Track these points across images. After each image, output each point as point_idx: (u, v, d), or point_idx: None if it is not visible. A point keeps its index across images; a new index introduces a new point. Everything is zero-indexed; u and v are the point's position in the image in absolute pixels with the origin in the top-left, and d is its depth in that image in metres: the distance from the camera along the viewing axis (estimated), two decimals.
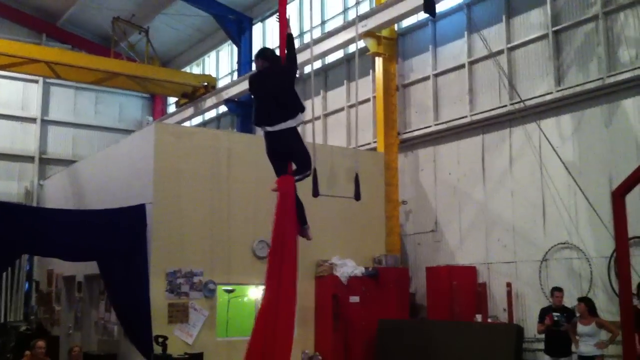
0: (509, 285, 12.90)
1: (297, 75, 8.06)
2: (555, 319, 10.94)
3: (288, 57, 7.72)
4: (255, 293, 13.91)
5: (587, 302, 10.98)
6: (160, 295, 12.40)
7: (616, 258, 10.89)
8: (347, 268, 13.89)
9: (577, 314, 10.99)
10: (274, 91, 7.46)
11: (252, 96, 7.84)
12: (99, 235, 12.40)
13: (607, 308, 11.50)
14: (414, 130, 15.70)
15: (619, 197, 10.31)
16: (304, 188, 8.21)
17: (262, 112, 7.53)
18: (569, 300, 11.51)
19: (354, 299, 13.78)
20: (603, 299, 11.64)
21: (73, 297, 16.67)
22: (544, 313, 11.29)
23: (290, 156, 7.61)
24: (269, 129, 7.45)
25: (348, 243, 14.56)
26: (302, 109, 7.53)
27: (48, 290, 18.35)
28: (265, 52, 7.87)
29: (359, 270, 13.97)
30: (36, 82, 23.82)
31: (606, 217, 11.31)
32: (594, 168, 12.11)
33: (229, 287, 13.18)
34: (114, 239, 12.44)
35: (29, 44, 21.15)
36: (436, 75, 15.41)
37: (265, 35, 22.10)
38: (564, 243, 12.37)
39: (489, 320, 13.00)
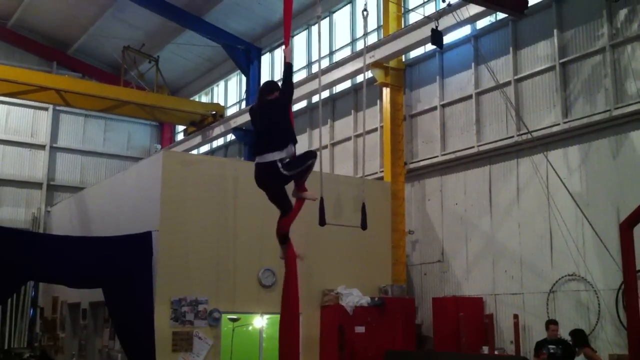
0: (516, 317, 12.79)
1: (305, 105, 8.13)
2: (552, 351, 10.90)
3: (284, 87, 7.66)
4: (260, 322, 13.84)
5: (572, 334, 11.06)
6: (164, 323, 12.33)
7: (624, 290, 10.80)
8: (353, 298, 13.81)
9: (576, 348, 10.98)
10: (271, 122, 7.47)
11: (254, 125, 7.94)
12: (104, 262, 12.40)
13: (615, 341, 11.38)
14: (421, 160, 15.72)
15: (626, 229, 10.30)
16: (311, 217, 8.20)
17: (255, 142, 7.64)
18: None
19: (360, 329, 13.66)
20: (611, 332, 11.52)
21: (77, 324, 16.61)
22: (539, 346, 11.24)
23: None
24: (257, 160, 7.48)
25: (354, 272, 14.49)
26: (293, 141, 7.49)
27: (52, 317, 18.30)
28: (274, 84, 7.88)
29: (365, 300, 13.88)
30: (46, 109, 24.05)
31: (614, 249, 11.25)
32: (601, 199, 12.06)
33: (234, 316, 13.11)
34: (120, 266, 12.42)
35: (39, 71, 21.42)
36: (443, 106, 15.47)
37: (273, 65, 22.27)
38: (572, 275, 12.28)
39: (496, 352, 12.87)
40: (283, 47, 8.12)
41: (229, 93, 24.59)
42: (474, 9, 13.10)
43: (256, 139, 7.69)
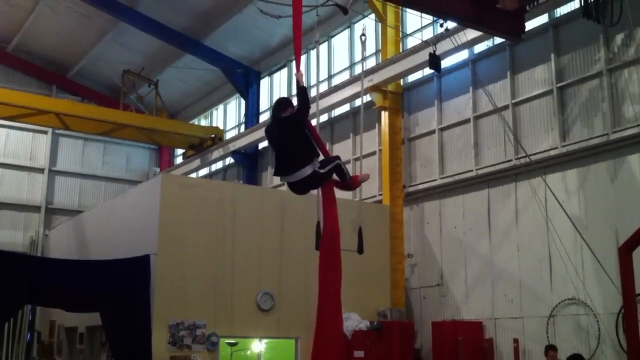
0: (515, 341, 12.72)
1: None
2: None
3: (299, 105, 7.82)
4: (258, 347, 13.76)
5: None
6: (162, 347, 12.26)
7: (624, 314, 10.75)
8: (352, 322, 13.74)
9: None
10: (287, 140, 7.61)
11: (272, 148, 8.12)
12: (102, 285, 12.36)
13: None
14: (420, 184, 15.73)
15: (625, 253, 10.29)
16: (308, 241, 8.19)
17: (279, 162, 7.75)
18: None
19: (359, 353, 13.57)
20: (611, 356, 11.44)
21: (75, 348, 16.51)
22: None
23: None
24: (288, 179, 7.61)
25: (353, 296, 14.35)
26: (316, 154, 7.67)
27: (49, 341, 18.19)
28: (287, 100, 7.99)
29: (364, 324, 13.81)
30: (45, 132, 24.11)
31: (613, 272, 11.20)
32: (599, 223, 12.05)
33: (232, 340, 13.04)
34: (118, 289, 12.38)
35: (39, 95, 21.50)
36: (442, 130, 15.51)
37: (272, 88, 22.36)
38: (571, 299, 12.23)
39: None
40: (294, 71, 8.30)
41: (228, 116, 24.66)
42: (471, 33, 13.19)
43: (279, 158, 7.78)
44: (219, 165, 23.93)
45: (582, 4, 11.45)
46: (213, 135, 22.12)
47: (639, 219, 10.74)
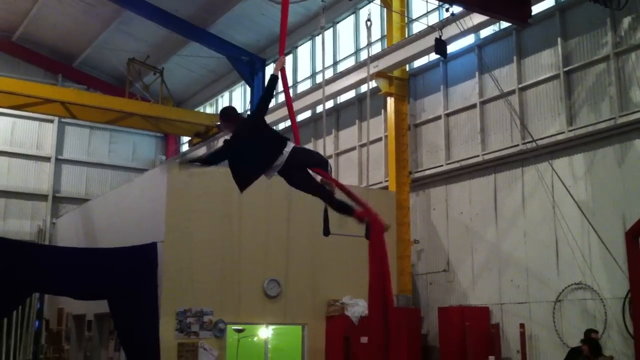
0: (522, 326, 12.73)
1: (309, 115, 8.05)
2: None
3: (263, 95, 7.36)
4: (265, 333, 13.82)
5: (590, 343, 10.93)
6: (169, 335, 12.33)
7: (631, 299, 10.75)
8: (359, 308, 13.75)
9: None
10: (257, 138, 7.21)
11: (234, 159, 7.46)
12: (109, 273, 12.41)
13: (622, 350, 11.30)
14: (426, 170, 15.71)
15: (632, 237, 10.29)
16: (315, 227, 8.20)
17: (258, 161, 7.33)
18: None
19: (365, 339, 13.59)
20: (618, 340, 11.44)
21: (83, 336, 16.61)
22: (574, 355, 11.13)
23: (308, 165, 7.42)
24: (276, 170, 7.28)
25: (359, 282, 14.29)
26: (286, 138, 7.30)
27: (58, 329, 18.29)
28: (228, 111, 7.39)
29: None
30: (51, 121, 24.13)
31: (620, 257, 11.19)
32: (607, 208, 12.02)
33: (239, 327, 13.09)
34: (125, 277, 12.43)
35: (45, 84, 21.49)
36: (447, 115, 15.46)
37: None
38: (578, 284, 12.22)
39: None
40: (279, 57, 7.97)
41: (234, 104, 24.61)
42: (477, 18, 13.12)
43: (257, 158, 7.34)
44: None
45: None
46: (218, 123, 22.09)
47: None
